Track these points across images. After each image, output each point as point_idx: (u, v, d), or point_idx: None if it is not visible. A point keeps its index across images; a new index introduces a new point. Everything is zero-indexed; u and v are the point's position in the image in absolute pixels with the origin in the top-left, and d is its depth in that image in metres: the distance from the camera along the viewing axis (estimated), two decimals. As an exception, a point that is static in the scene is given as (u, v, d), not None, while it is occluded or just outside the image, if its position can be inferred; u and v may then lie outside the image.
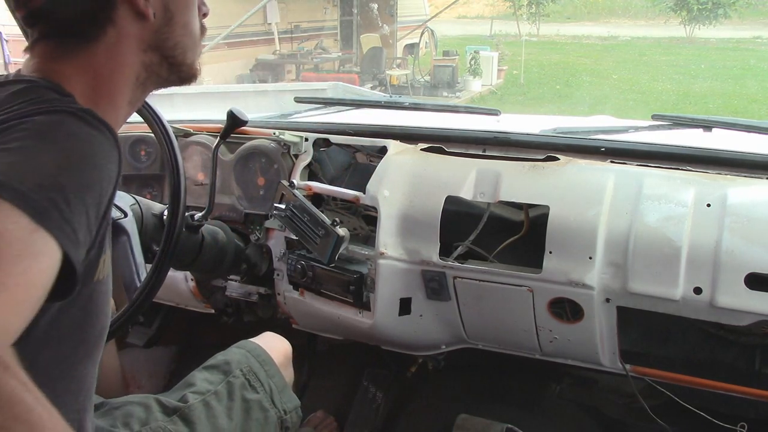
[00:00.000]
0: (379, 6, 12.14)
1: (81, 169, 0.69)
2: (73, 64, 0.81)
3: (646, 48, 17.16)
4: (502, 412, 1.71)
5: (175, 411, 1.11)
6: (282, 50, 11.51)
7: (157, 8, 0.83)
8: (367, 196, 1.46)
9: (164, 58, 0.86)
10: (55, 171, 0.66)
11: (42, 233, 0.62)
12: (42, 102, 0.73)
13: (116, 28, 0.81)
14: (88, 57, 0.81)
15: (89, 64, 0.81)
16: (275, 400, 1.22)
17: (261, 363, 1.24)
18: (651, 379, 1.43)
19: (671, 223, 1.24)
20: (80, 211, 0.66)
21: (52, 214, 0.63)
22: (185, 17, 0.86)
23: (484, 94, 11.74)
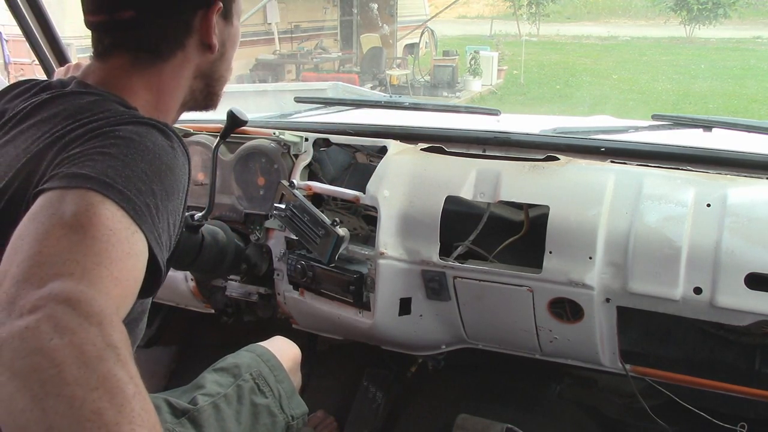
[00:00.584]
0: (379, 6, 12.13)
1: (167, 178, 0.74)
2: (143, 78, 0.88)
3: (646, 48, 17.15)
4: (502, 412, 1.71)
5: (185, 413, 1.11)
6: (282, 50, 11.51)
7: (219, 43, 0.92)
8: (367, 196, 1.46)
9: (207, 86, 0.95)
10: (149, 178, 0.71)
11: (140, 235, 0.66)
12: (124, 114, 0.80)
13: (185, 52, 0.90)
14: (157, 74, 0.89)
15: (156, 81, 0.89)
16: (284, 405, 1.22)
17: (271, 368, 1.24)
18: (651, 379, 1.43)
19: (671, 223, 1.24)
20: (164, 217, 0.72)
21: (147, 218, 0.68)
22: (231, 54, 0.96)
23: (484, 94, 11.73)
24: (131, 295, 0.64)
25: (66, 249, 0.59)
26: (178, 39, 0.89)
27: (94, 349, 0.53)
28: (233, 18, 0.95)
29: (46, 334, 0.52)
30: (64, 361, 0.51)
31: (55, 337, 0.52)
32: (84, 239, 0.61)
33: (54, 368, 0.51)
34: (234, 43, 0.96)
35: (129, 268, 0.63)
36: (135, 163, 0.71)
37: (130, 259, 0.64)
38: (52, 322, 0.53)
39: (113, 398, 0.52)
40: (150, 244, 0.67)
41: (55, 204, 0.64)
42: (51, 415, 0.49)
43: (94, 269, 0.59)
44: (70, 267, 0.58)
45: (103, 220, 0.63)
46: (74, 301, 0.55)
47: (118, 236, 0.63)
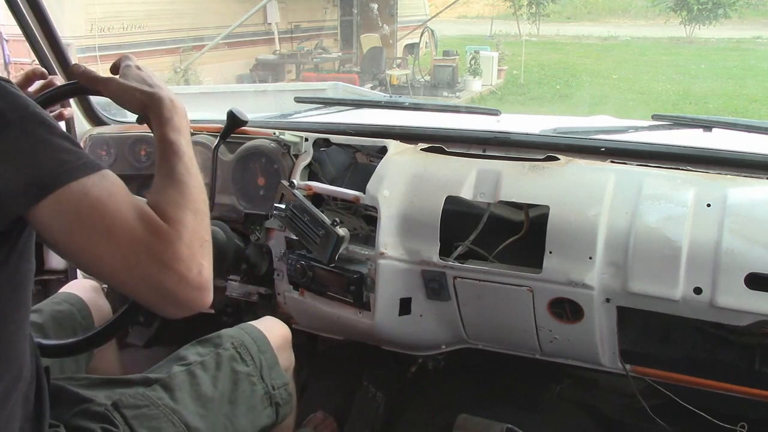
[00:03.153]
0: (379, 6, 12.13)
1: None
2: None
3: (646, 48, 17.15)
4: (502, 412, 1.71)
5: (157, 381, 1.12)
6: (282, 50, 11.52)
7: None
8: (367, 196, 1.46)
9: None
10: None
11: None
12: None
13: None
14: None
15: None
16: (264, 375, 1.22)
17: (254, 339, 1.25)
18: (651, 379, 1.43)
19: (671, 223, 1.24)
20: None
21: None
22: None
23: (484, 94, 11.73)
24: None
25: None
26: None
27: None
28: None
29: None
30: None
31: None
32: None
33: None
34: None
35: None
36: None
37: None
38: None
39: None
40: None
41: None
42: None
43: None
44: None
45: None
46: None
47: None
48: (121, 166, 1.80)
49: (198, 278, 0.81)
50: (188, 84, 9.44)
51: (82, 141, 1.83)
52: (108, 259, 0.77)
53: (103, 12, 8.53)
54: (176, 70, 9.77)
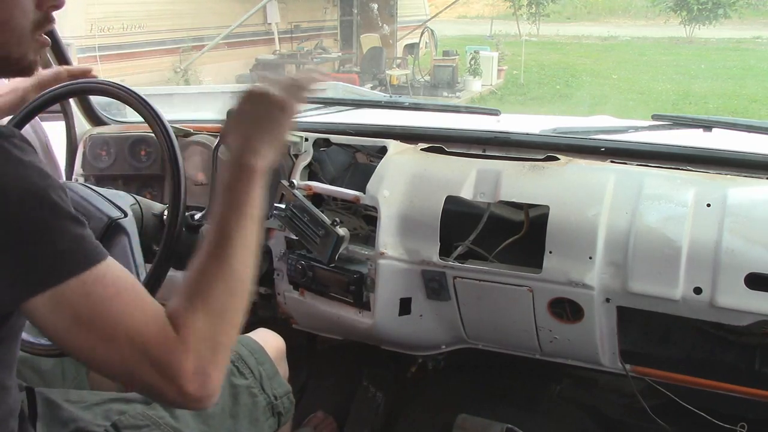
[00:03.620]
0: (379, 6, 12.13)
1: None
2: None
3: (646, 48, 17.15)
4: (502, 412, 1.71)
5: None
6: (282, 50, 11.52)
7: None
8: (367, 196, 1.46)
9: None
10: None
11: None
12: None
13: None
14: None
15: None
16: (264, 386, 1.21)
17: (251, 351, 1.24)
18: (651, 379, 1.43)
19: (671, 223, 1.24)
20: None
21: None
22: (2, 14, 0.78)
23: (484, 94, 11.73)
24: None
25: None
26: None
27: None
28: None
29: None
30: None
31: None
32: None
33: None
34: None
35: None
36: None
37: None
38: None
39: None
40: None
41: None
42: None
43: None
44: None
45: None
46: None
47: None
48: (121, 166, 1.80)
49: (199, 392, 0.73)
50: (188, 84, 9.44)
51: (82, 141, 1.83)
52: (106, 362, 0.72)
53: (103, 12, 8.53)
54: (176, 70, 9.77)
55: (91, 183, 1.73)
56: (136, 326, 0.72)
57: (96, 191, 1.20)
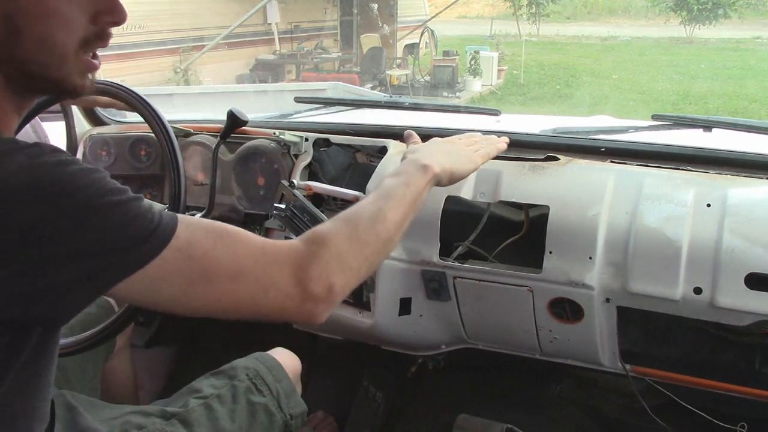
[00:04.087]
0: (379, 6, 12.14)
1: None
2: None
3: (646, 48, 17.16)
4: (502, 412, 1.71)
5: (174, 415, 1.11)
6: (282, 50, 11.53)
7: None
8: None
9: (20, 71, 0.73)
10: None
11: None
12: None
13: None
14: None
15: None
16: (282, 404, 1.21)
17: (269, 368, 1.23)
18: (651, 379, 1.43)
19: (671, 223, 1.24)
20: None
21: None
22: (41, 32, 0.71)
23: (484, 94, 11.74)
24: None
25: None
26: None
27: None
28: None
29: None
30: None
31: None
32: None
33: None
34: (37, 19, 0.70)
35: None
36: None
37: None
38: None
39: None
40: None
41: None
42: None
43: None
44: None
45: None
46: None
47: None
48: (121, 166, 1.80)
49: (323, 296, 0.78)
50: (188, 84, 9.44)
51: (82, 141, 1.83)
52: (235, 302, 0.75)
53: (103, 12, 8.51)
54: (176, 70, 9.78)
55: (91, 183, 1.72)
56: (252, 253, 0.75)
57: (96, 191, 1.20)
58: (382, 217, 0.88)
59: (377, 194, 0.93)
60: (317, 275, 0.77)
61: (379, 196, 0.92)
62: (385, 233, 0.88)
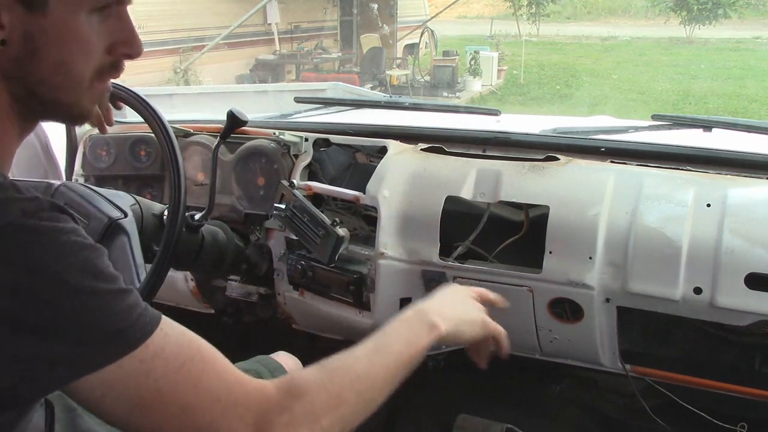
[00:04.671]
0: (379, 6, 12.14)
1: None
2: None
3: (646, 48, 17.16)
4: (502, 412, 1.71)
5: None
6: (282, 50, 11.53)
7: (13, 35, 0.67)
8: (367, 196, 1.46)
9: (30, 93, 0.71)
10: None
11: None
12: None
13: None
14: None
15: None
16: None
17: (271, 371, 1.23)
18: (651, 379, 1.43)
19: (671, 223, 1.24)
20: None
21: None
22: (60, 55, 0.70)
23: (484, 94, 11.74)
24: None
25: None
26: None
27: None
28: (52, 10, 0.68)
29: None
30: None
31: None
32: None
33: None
34: (57, 43, 0.69)
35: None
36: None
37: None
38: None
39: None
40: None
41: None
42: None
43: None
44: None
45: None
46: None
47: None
48: (121, 166, 1.80)
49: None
50: (188, 84, 9.44)
51: (82, 141, 1.83)
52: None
53: (104, 12, 8.51)
54: (176, 70, 9.78)
55: (91, 183, 1.73)
56: (215, 390, 0.69)
57: (96, 191, 1.20)
58: (372, 376, 0.82)
59: (375, 345, 0.86)
60: (283, 429, 0.71)
61: (376, 350, 0.85)
62: (369, 393, 0.81)
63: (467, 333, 1.00)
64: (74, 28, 0.70)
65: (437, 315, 0.94)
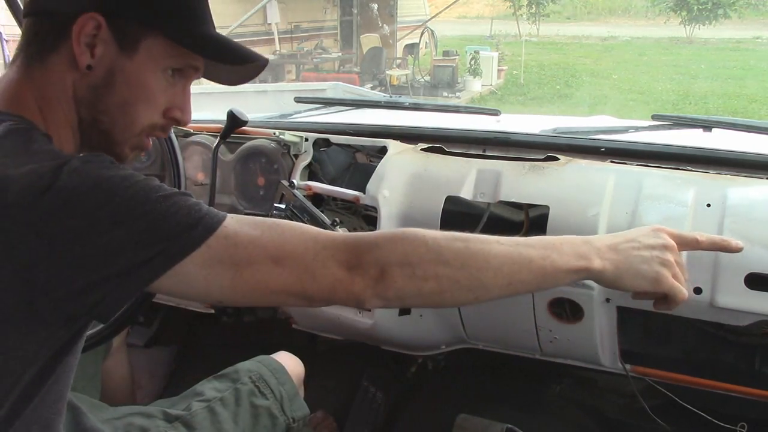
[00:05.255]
0: (379, 6, 12.13)
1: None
2: (27, 82, 0.79)
3: (646, 48, 17.15)
4: (502, 412, 1.71)
5: (177, 418, 1.11)
6: (282, 50, 11.51)
7: (99, 66, 0.78)
8: (367, 196, 1.46)
9: (96, 120, 0.81)
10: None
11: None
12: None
13: (59, 58, 0.78)
14: (38, 77, 0.79)
15: (37, 85, 0.79)
16: (285, 407, 1.21)
17: (272, 371, 1.23)
18: (651, 379, 1.43)
19: (671, 223, 1.24)
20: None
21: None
22: (129, 96, 0.81)
23: (484, 94, 11.74)
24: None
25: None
26: (50, 38, 0.78)
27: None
28: (140, 56, 0.80)
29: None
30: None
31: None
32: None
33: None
34: (132, 85, 0.80)
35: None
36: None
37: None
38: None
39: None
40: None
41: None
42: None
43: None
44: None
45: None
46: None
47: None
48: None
49: (378, 284, 0.74)
50: (188, 84, 9.42)
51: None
52: (283, 285, 0.74)
53: (103, 12, 8.51)
54: (176, 70, 9.74)
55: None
56: (301, 240, 0.74)
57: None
58: (486, 259, 0.77)
59: (511, 240, 0.81)
60: (372, 260, 0.74)
61: (508, 242, 0.80)
62: (477, 273, 0.76)
63: (629, 282, 0.84)
64: (148, 78, 0.81)
65: (600, 249, 0.83)
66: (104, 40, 0.78)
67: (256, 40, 11.18)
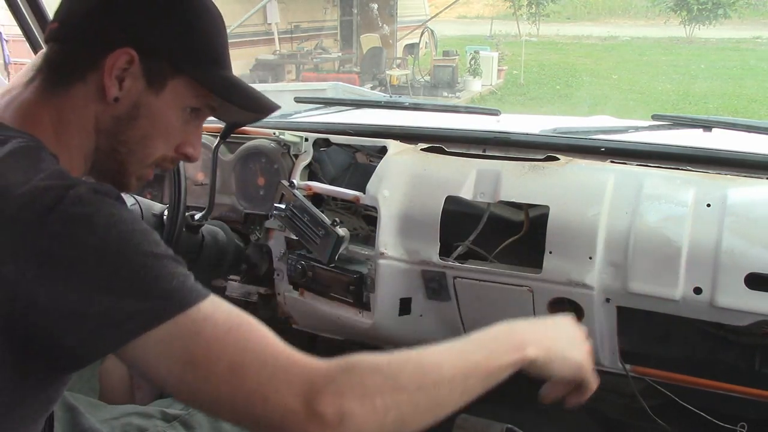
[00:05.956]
0: (379, 6, 12.14)
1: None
2: (45, 105, 0.80)
3: (646, 48, 17.15)
4: (502, 412, 1.71)
5: (176, 417, 1.11)
6: (282, 50, 11.51)
7: (125, 99, 0.81)
8: (367, 196, 1.46)
9: (113, 150, 0.83)
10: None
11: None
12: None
13: (86, 88, 0.80)
14: (58, 103, 0.80)
15: (55, 111, 0.80)
16: None
17: None
18: (651, 379, 1.43)
19: (671, 223, 1.24)
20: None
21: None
22: (150, 130, 0.84)
23: (484, 94, 11.74)
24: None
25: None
26: (80, 68, 0.80)
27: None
28: (165, 94, 0.83)
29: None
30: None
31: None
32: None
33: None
34: (154, 120, 0.83)
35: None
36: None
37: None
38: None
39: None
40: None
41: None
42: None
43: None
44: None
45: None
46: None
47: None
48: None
49: (334, 421, 0.67)
50: (188, 84, 9.42)
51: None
52: (227, 401, 0.69)
53: (104, 12, 8.50)
54: (176, 70, 9.75)
55: (91, 183, 1.72)
56: (263, 354, 0.70)
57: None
58: (439, 375, 0.77)
59: (451, 346, 0.83)
60: (329, 401, 0.68)
61: (451, 351, 0.82)
62: (433, 391, 0.75)
63: (557, 369, 0.92)
64: (170, 115, 0.85)
65: (532, 338, 0.88)
66: (134, 75, 0.80)
67: (256, 40, 11.19)
